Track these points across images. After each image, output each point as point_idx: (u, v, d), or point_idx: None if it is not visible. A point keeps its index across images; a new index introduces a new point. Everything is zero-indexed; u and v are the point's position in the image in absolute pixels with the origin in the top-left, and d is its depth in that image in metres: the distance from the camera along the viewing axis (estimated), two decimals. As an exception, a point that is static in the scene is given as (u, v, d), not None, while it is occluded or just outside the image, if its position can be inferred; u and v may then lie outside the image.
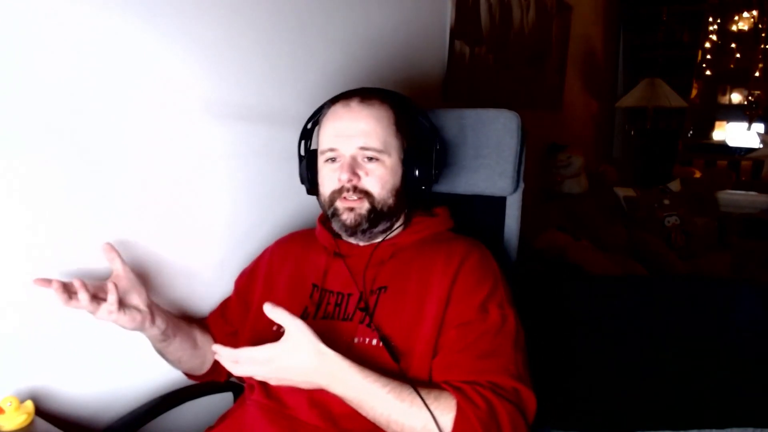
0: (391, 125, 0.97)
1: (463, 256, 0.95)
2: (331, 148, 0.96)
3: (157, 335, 0.98)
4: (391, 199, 0.97)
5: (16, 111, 0.86)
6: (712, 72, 6.64)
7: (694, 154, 6.33)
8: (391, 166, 0.96)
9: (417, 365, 0.87)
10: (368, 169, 0.95)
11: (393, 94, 1.04)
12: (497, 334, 0.87)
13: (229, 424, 0.95)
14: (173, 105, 1.09)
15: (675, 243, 2.82)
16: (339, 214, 0.96)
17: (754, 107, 6.54)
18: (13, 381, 0.91)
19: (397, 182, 0.97)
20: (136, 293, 0.94)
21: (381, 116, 0.96)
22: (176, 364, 1.07)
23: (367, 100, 0.97)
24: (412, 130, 1.01)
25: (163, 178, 1.09)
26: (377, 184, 0.95)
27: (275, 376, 0.83)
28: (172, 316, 1.03)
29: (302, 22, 1.36)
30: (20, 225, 0.89)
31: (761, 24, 6.27)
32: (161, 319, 0.97)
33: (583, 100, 4.15)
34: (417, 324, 0.89)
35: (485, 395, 0.79)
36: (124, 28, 0.98)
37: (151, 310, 0.95)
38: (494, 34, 2.44)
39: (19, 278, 0.90)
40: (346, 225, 0.96)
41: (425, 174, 0.99)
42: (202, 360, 1.08)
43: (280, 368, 0.81)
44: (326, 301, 0.98)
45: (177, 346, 1.02)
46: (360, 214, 0.95)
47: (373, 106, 0.96)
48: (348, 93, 1.00)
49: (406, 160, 0.98)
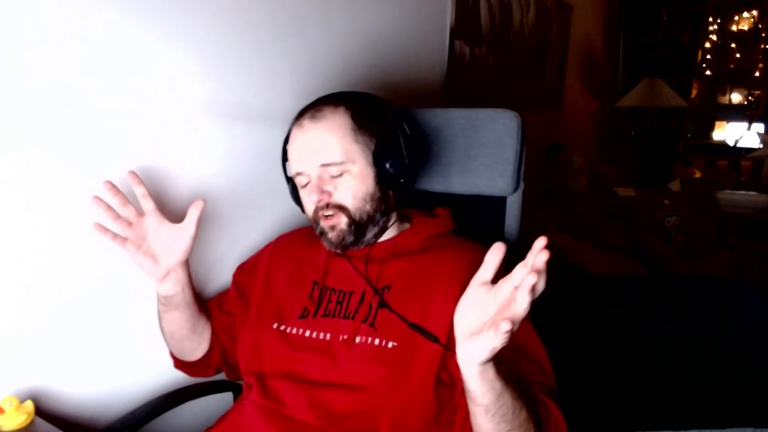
0: (348, 131, 0.94)
1: (473, 261, 0.95)
2: (298, 172, 0.97)
3: (160, 296, 1.00)
4: (368, 205, 0.96)
5: (16, 110, 0.86)
6: (712, 72, 6.64)
7: (694, 154, 6.33)
8: (360, 173, 0.95)
9: (422, 363, 0.87)
10: (336, 183, 0.94)
11: (346, 94, 1.01)
12: (526, 335, 0.89)
13: (228, 425, 0.95)
14: (173, 105, 1.09)
15: (675, 243, 2.82)
16: (324, 233, 0.96)
17: (754, 107, 6.54)
18: (13, 381, 0.91)
19: (370, 187, 0.96)
20: (163, 243, 0.96)
21: (334, 127, 0.94)
22: (169, 338, 1.07)
23: (317, 114, 0.95)
24: (375, 127, 0.98)
25: (163, 178, 1.09)
26: (349, 195, 0.94)
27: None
28: (188, 287, 1.02)
29: (302, 22, 1.36)
30: (20, 224, 0.89)
31: (761, 24, 6.28)
32: (174, 283, 0.98)
33: (583, 100, 4.15)
34: (421, 324, 0.89)
35: (541, 398, 0.80)
36: (124, 27, 0.98)
37: (167, 270, 0.97)
38: (494, 34, 2.44)
39: (18, 277, 0.90)
40: (332, 242, 0.96)
41: (398, 167, 0.96)
42: (195, 347, 1.08)
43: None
44: (327, 298, 0.98)
45: (174, 320, 1.03)
46: (341, 229, 0.95)
47: (324, 119, 0.94)
48: (303, 110, 0.99)
49: (376, 158, 0.96)
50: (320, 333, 0.94)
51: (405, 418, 0.86)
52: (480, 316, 0.66)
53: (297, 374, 0.92)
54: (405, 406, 0.86)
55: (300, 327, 0.96)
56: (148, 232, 0.96)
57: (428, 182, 1.23)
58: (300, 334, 0.95)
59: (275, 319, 0.99)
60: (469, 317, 0.67)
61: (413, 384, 0.86)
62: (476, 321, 0.66)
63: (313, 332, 0.94)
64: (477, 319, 0.66)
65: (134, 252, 0.95)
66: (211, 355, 1.09)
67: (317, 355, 0.92)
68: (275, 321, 0.98)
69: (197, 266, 1.17)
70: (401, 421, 0.86)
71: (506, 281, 0.65)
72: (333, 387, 0.89)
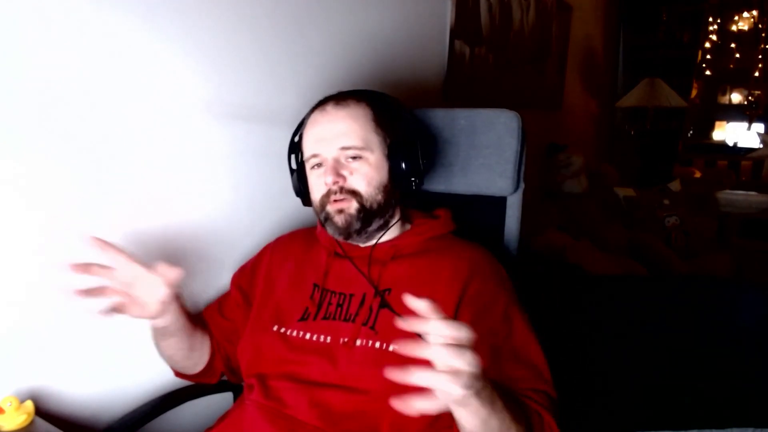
0: (369, 122, 0.97)
1: (473, 265, 0.96)
2: (314, 153, 0.97)
3: (153, 328, 0.96)
4: (380, 195, 0.96)
5: (17, 111, 0.86)
6: (712, 72, 6.64)
7: (694, 154, 6.33)
8: (375, 163, 0.96)
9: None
10: (352, 168, 0.95)
11: (370, 92, 1.04)
12: (525, 340, 0.89)
13: (228, 425, 0.95)
14: (173, 105, 1.09)
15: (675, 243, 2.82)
16: (331, 217, 0.96)
17: (754, 107, 6.54)
18: (13, 381, 0.91)
19: (383, 178, 0.97)
20: (146, 283, 0.87)
21: (358, 114, 0.97)
22: (168, 360, 1.06)
23: (341, 102, 0.98)
24: (393, 126, 1.01)
25: (163, 177, 1.09)
26: (363, 182, 0.95)
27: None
28: (182, 313, 0.97)
29: (302, 22, 1.36)
30: (21, 224, 0.89)
31: (761, 24, 6.27)
32: (167, 316, 0.92)
33: (583, 100, 4.15)
34: None
35: (536, 409, 0.81)
36: (124, 27, 0.98)
37: (163, 306, 0.89)
38: (494, 34, 2.44)
39: (19, 278, 0.90)
40: (338, 227, 0.95)
41: (412, 167, 0.98)
42: (195, 362, 1.07)
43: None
44: (327, 301, 0.97)
45: (172, 345, 1.01)
46: (350, 214, 0.95)
47: (349, 106, 0.97)
48: (323, 99, 1.01)
49: (391, 154, 0.98)
50: (320, 336, 0.93)
51: (405, 419, 0.85)
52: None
53: (297, 375, 0.92)
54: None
55: (300, 329, 0.95)
56: (132, 287, 0.88)
57: (429, 182, 1.22)
58: (300, 337, 0.95)
59: (275, 322, 0.98)
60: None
61: (414, 387, 0.86)
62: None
63: (313, 335, 0.94)
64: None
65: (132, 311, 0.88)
66: (213, 364, 1.08)
67: (318, 358, 0.91)
68: (275, 323, 0.98)
69: (196, 268, 1.17)
70: (401, 423, 0.85)
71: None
72: (333, 388, 0.89)
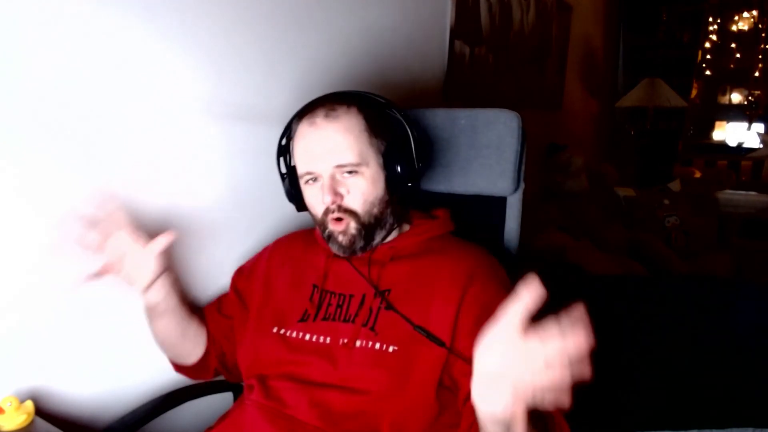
0: (363, 132, 0.93)
1: (473, 266, 0.95)
2: (308, 171, 0.95)
3: (145, 306, 0.98)
4: (376, 209, 0.95)
5: (16, 110, 0.86)
6: (712, 72, 6.63)
7: (694, 154, 6.33)
8: (372, 176, 0.94)
9: (423, 368, 0.86)
10: (349, 185, 0.93)
11: (358, 95, 1.00)
12: None
13: (228, 425, 0.95)
14: (173, 105, 1.09)
15: (675, 243, 2.82)
16: (334, 237, 0.95)
17: (754, 107, 6.53)
18: (13, 381, 0.91)
19: (380, 191, 0.95)
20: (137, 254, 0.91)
21: (350, 127, 0.92)
22: (161, 345, 1.06)
23: (332, 114, 0.93)
24: (386, 130, 0.98)
25: (163, 177, 1.09)
26: (359, 201, 0.93)
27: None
28: (174, 292, 1.00)
29: (302, 22, 1.36)
30: (20, 224, 0.89)
31: (761, 24, 6.27)
32: (155, 292, 0.95)
33: (583, 100, 4.15)
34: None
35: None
36: (123, 27, 0.98)
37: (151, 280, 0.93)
38: (494, 34, 2.44)
39: (19, 278, 0.90)
40: (342, 246, 0.95)
41: (408, 170, 0.96)
42: (189, 351, 1.07)
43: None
44: (327, 302, 0.97)
45: (161, 328, 1.01)
46: (352, 234, 0.94)
47: (339, 119, 0.92)
48: (312, 106, 0.96)
49: (386, 161, 0.96)
50: (320, 336, 0.93)
51: (406, 420, 0.86)
52: (500, 363, 0.56)
53: (298, 375, 0.92)
54: (406, 409, 0.86)
55: (300, 330, 0.95)
56: (125, 254, 0.92)
57: (429, 182, 1.22)
58: (300, 338, 0.95)
59: (275, 323, 0.98)
60: (489, 356, 0.58)
61: (414, 388, 0.86)
62: (495, 366, 0.57)
63: (313, 336, 0.94)
64: (496, 364, 0.57)
65: (118, 275, 0.92)
66: (207, 359, 1.09)
67: (318, 358, 0.91)
68: (275, 325, 0.98)
69: (195, 269, 1.17)
70: (402, 423, 0.85)
71: (541, 343, 0.54)
72: (334, 388, 0.88)
